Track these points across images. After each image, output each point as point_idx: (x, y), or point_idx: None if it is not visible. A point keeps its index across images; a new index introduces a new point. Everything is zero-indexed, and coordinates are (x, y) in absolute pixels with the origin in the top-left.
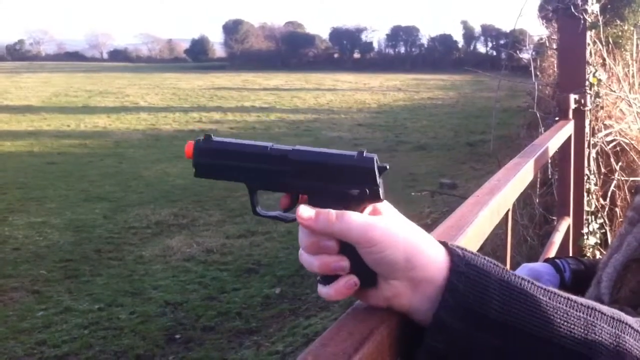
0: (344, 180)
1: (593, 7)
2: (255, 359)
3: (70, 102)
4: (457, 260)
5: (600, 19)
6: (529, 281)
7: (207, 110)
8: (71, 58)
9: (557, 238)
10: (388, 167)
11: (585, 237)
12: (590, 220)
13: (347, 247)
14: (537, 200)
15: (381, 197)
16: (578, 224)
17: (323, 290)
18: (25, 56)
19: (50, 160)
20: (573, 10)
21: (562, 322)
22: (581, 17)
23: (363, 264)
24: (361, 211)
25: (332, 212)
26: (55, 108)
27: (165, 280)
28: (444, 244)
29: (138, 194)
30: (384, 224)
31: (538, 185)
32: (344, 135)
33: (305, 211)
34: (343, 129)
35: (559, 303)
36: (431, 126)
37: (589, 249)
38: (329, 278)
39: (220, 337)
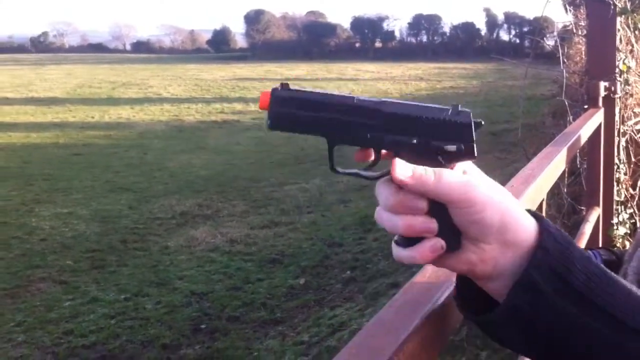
0: (438, 135)
1: None
2: (281, 349)
3: (94, 93)
4: (547, 226)
5: (629, 5)
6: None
7: (230, 101)
8: (94, 50)
9: (587, 228)
10: (483, 122)
11: (615, 227)
12: (620, 210)
13: (435, 207)
14: (565, 190)
15: (475, 154)
16: (608, 214)
17: (404, 253)
18: (49, 48)
19: (76, 151)
20: None
21: (631, 305)
22: (611, 2)
23: (450, 226)
24: (452, 169)
25: (431, 170)
26: (79, 100)
27: (191, 271)
28: (531, 212)
29: (163, 185)
30: (483, 183)
31: (566, 175)
32: None
33: (403, 168)
34: None
35: (629, 286)
36: None
37: (618, 239)
38: (410, 240)
39: (246, 327)
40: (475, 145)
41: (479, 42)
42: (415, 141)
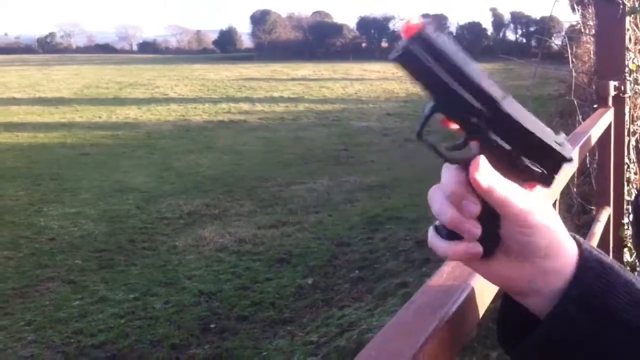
0: (533, 154)
1: None
2: (290, 349)
3: (101, 93)
4: (587, 254)
5: (637, 4)
6: None
7: (236, 101)
8: (101, 50)
9: (598, 228)
10: (574, 162)
11: (626, 227)
12: (630, 210)
13: (489, 211)
14: (575, 190)
15: (550, 185)
16: (618, 213)
17: (440, 243)
18: (56, 48)
19: (84, 151)
20: None
21: None
22: (620, 2)
23: (493, 234)
24: (529, 189)
25: (508, 183)
26: (86, 100)
27: (199, 270)
28: (574, 237)
29: (170, 185)
30: (543, 210)
31: (576, 175)
32: (373, 125)
33: (485, 170)
34: (372, 119)
35: None
36: None
37: (629, 239)
38: (452, 233)
39: (255, 327)
40: (554, 178)
41: (485, 42)
42: (509, 149)
